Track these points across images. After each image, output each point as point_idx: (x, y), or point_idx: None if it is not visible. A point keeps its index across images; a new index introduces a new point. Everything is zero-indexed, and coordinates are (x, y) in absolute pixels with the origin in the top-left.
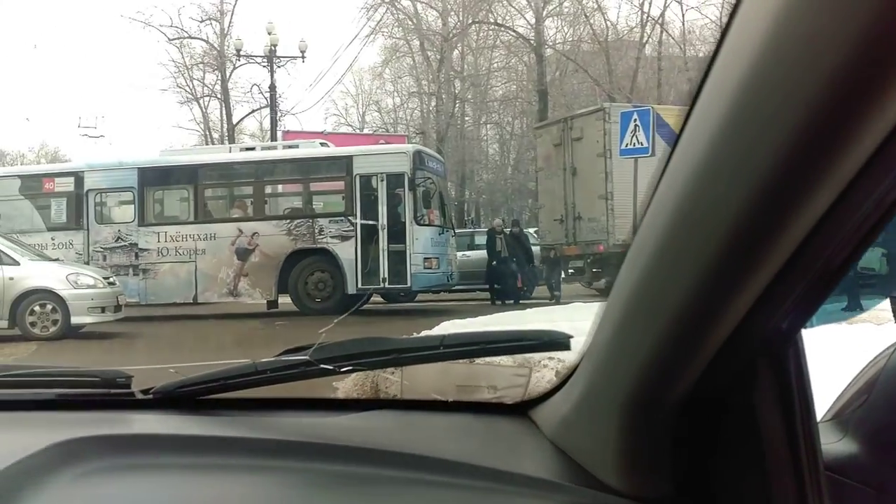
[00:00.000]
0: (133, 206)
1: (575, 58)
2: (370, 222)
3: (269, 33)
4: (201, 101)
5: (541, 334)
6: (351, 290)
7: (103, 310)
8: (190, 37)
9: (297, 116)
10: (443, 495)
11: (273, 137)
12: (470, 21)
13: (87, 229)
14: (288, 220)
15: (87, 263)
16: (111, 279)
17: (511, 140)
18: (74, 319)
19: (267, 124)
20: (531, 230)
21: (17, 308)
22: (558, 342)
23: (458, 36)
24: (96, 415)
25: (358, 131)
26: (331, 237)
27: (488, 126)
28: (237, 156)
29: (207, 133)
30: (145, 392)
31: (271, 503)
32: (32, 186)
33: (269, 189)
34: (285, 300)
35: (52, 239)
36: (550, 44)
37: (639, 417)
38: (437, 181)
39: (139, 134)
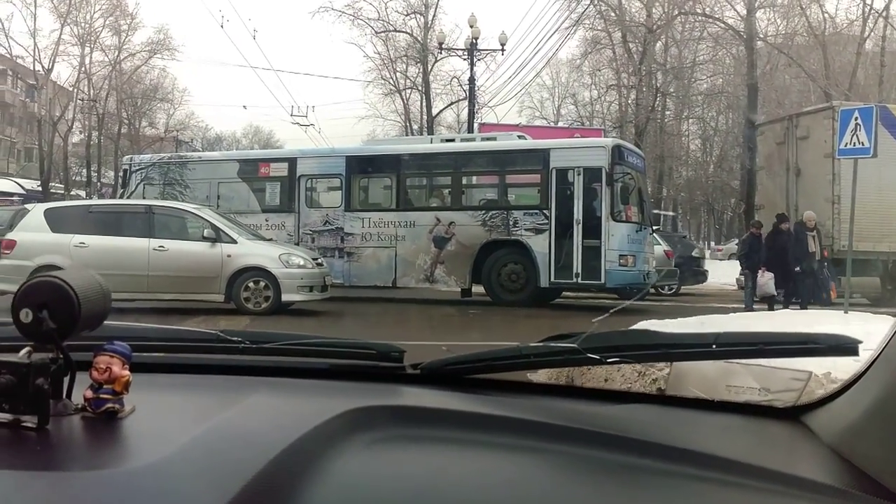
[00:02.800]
0: (340, 191)
1: (788, 51)
2: (565, 216)
3: (471, 26)
4: (403, 93)
5: (826, 338)
6: (544, 283)
7: (311, 289)
8: (395, 30)
9: (493, 109)
10: (712, 491)
11: (470, 129)
12: (676, 12)
13: (298, 212)
14: (484, 211)
15: (297, 245)
16: (319, 260)
17: (715, 136)
18: (285, 297)
19: (464, 116)
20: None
21: (233, 283)
22: (845, 346)
23: (663, 28)
24: (368, 385)
25: (553, 124)
26: (525, 230)
27: (690, 121)
28: (438, 146)
29: (408, 124)
30: (415, 367)
31: (535, 483)
32: (249, 170)
33: (466, 180)
34: (478, 289)
35: (266, 220)
36: (762, 36)
37: None
38: (635, 176)
39: (344, 123)
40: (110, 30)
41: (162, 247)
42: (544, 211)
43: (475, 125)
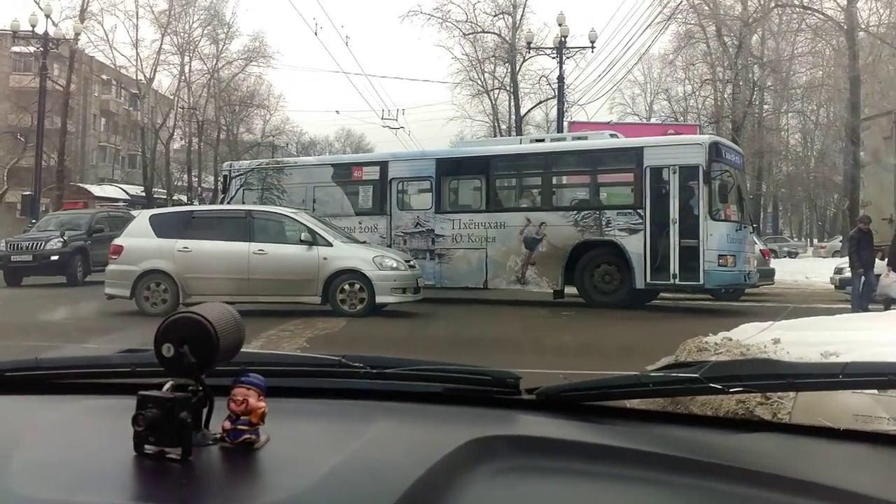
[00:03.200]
0: (431, 193)
1: (892, 41)
2: (660, 216)
3: (560, 24)
4: (491, 94)
5: None
6: (639, 284)
7: (404, 290)
8: (483, 31)
9: (583, 107)
10: None
11: (559, 128)
12: (772, 4)
13: (390, 215)
14: (575, 211)
15: (390, 247)
16: (412, 262)
17: (816, 130)
18: (379, 298)
19: (553, 115)
20: None
21: (329, 286)
22: None
23: (759, 20)
24: (485, 411)
25: (645, 121)
26: (619, 230)
27: (789, 115)
28: (528, 147)
29: (496, 124)
30: (530, 391)
31: None
32: (343, 174)
33: (557, 180)
34: (570, 290)
35: (360, 223)
36: (863, 26)
37: None
38: (734, 174)
39: (433, 125)
40: (208, 39)
41: (261, 250)
42: (638, 210)
43: (565, 124)
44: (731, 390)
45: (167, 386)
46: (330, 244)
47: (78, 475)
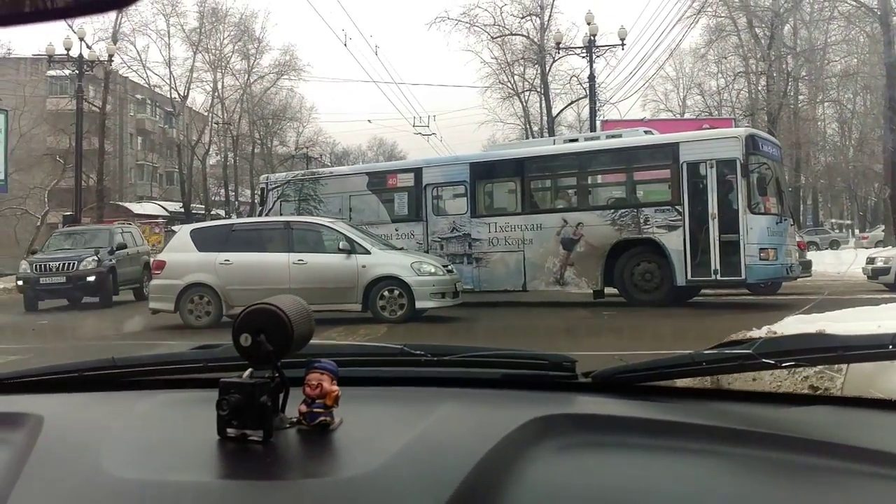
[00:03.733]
0: (465, 198)
1: None
2: (699, 211)
3: (589, 23)
4: (522, 96)
5: None
6: (680, 281)
7: (443, 295)
8: (511, 34)
9: (615, 105)
10: None
11: (592, 127)
12: None
13: (426, 220)
14: (612, 210)
15: (427, 252)
16: (449, 267)
17: (853, 119)
18: (419, 304)
19: (585, 114)
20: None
21: (369, 293)
22: None
23: (790, 10)
24: (544, 395)
25: (679, 116)
26: (657, 227)
27: (825, 104)
28: (561, 147)
29: (527, 126)
30: (586, 375)
31: (725, 486)
32: (378, 182)
33: (592, 179)
34: (610, 290)
35: (396, 230)
36: None
37: None
38: (772, 166)
39: (464, 130)
40: (239, 54)
41: (301, 260)
42: (676, 207)
43: (597, 123)
44: (784, 364)
45: (247, 373)
46: (368, 252)
47: (167, 458)
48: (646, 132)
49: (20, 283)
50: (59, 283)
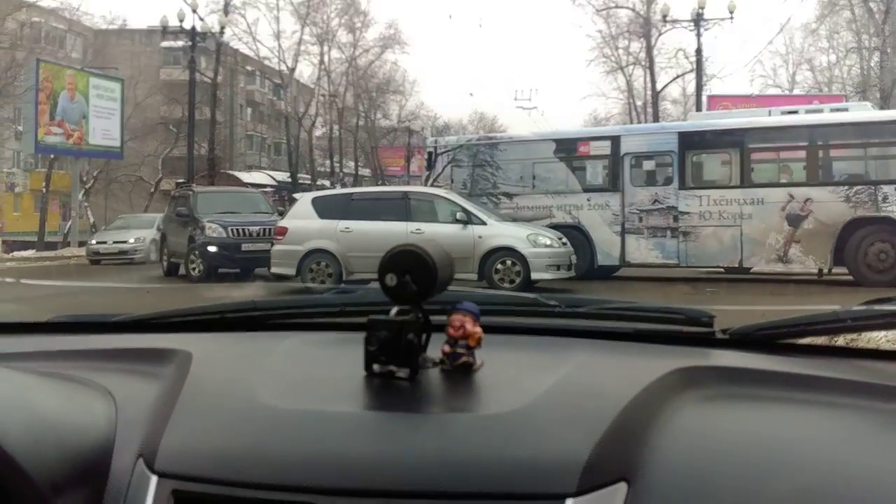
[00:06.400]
0: (672, 168)
1: None
2: None
3: None
4: (626, 70)
5: None
6: None
7: (559, 267)
8: (617, 6)
9: (722, 80)
10: None
11: (698, 103)
12: None
13: (623, 191)
14: (846, 187)
15: (623, 224)
16: (564, 240)
17: None
18: (534, 275)
19: (691, 89)
20: None
21: (485, 263)
22: None
23: None
24: (681, 349)
25: (787, 92)
26: None
27: None
28: (791, 119)
29: (631, 101)
30: (724, 331)
31: (866, 438)
32: (568, 150)
33: (824, 154)
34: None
35: (588, 200)
36: None
37: None
38: None
39: (567, 104)
40: (346, 28)
41: (419, 230)
42: None
43: (704, 98)
44: None
45: (393, 311)
46: (484, 223)
47: (318, 391)
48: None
49: (212, 249)
50: (263, 249)
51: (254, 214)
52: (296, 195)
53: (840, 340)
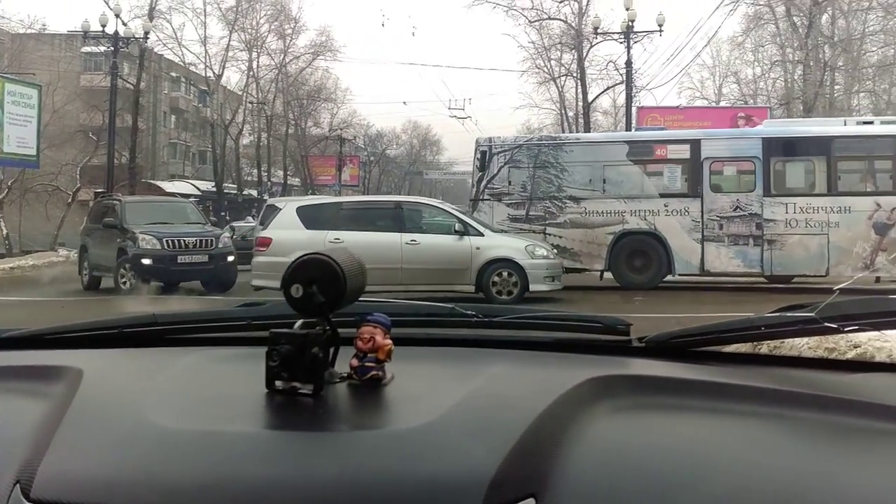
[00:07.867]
0: (755, 175)
1: None
2: None
3: (627, 8)
4: (558, 81)
5: None
6: None
7: (554, 279)
8: (549, 18)
9: (651, 92)
10: None
11: (627, 114)
12: None
13: (702, 197)
14: None
15: (703, 231)
16: (555, 251)
17: (887, 110)
18: (532, 287)
19: (621, 101)
20: None
21: (482, 274)
22: None
23: None
24: (598, 357)
25: (714, 104)
26: None
27: (861, 95)
28: (880, 129)
29: (563, 111)
30: (640, 339)
31: (784, 449)
32: (642, 153)
33: None
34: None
35: (665, 205)
36: None
37: None
38: None
39: (500, 114)
40: (275, 34)
41: (414, 240)
42: None
43: (633, 109)
44: (846, 329)
45: (297, 324)
46: (481, 234)
47: (213, 410)
48: None
49: (146, 261)
50: (200, 262)
51: (186, 225)
52: (275, 202)
53: (764, 348)
